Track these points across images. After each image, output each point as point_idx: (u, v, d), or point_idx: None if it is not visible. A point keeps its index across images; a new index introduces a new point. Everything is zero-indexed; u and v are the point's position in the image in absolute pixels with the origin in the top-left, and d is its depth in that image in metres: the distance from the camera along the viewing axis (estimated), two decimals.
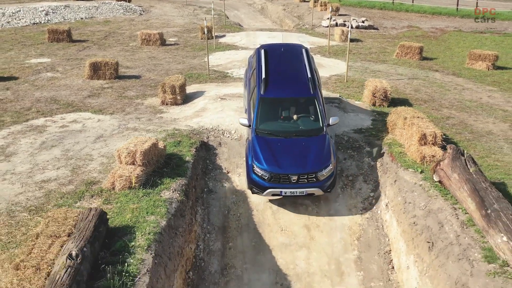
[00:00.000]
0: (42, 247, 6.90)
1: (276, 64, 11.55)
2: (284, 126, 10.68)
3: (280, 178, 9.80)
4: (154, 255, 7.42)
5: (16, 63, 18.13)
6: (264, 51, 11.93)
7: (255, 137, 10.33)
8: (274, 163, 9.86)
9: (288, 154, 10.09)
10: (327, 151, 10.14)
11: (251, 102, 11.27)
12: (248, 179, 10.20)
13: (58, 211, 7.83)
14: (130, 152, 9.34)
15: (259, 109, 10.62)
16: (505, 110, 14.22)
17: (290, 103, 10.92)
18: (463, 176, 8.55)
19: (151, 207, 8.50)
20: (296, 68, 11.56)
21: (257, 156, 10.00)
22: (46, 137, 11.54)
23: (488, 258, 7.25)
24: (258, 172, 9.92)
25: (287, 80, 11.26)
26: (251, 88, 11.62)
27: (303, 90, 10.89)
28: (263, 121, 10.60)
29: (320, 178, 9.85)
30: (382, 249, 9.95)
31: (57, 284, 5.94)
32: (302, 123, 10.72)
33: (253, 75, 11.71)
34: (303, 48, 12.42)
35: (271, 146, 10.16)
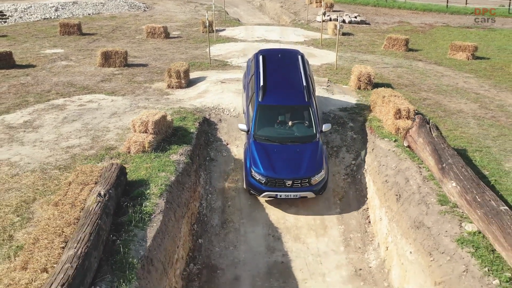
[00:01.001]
0: (75, 191, 8.44)
1: (274, 71, 12.13)
2: (280, 132, 11.36)
3: (276, 182, 10.52)
4: (165, 201, 8.95)
5: (32, 53, 19.66)
6: (262, 57, 12.56)
7: (253, 143, 11.04)
8: (271, 168, 10.58)
9: (283, 160, 10.78)
10: (319, 157, 10.87)
11: (249, 108, 11.92)
12: (246, 182, 10.98)
13: (85, 166, 9.39)
14: (143, 122, 10.88)
15: (257, 116, 11.31)
16: (477, 93, 15.75)
17: (286, 110, 11.57)
18: (426, 140, 10.09)
19: (162, 166, 10.04)
20: (292, 76, 12.13)
21: (255, 161, 10.73)
22: (67, 114, 13.08)
23: (441, 201, 8.80)
24: (255, 176, 10.66)
25: (283, 88, 11.88)
26: (249, 93, 12.27)
27: (299, 98, 11.51)
28: (261, 127, 11.29)
29: (312, 182, 10.60)
30: (360, 207, 11.49)
31: (90, 213, 7.47)
32: (297, 129, 11.41)
33: (252, 80, 12.33)
34: (299, 54, 13.02)
35: (268, 152, 10.85)
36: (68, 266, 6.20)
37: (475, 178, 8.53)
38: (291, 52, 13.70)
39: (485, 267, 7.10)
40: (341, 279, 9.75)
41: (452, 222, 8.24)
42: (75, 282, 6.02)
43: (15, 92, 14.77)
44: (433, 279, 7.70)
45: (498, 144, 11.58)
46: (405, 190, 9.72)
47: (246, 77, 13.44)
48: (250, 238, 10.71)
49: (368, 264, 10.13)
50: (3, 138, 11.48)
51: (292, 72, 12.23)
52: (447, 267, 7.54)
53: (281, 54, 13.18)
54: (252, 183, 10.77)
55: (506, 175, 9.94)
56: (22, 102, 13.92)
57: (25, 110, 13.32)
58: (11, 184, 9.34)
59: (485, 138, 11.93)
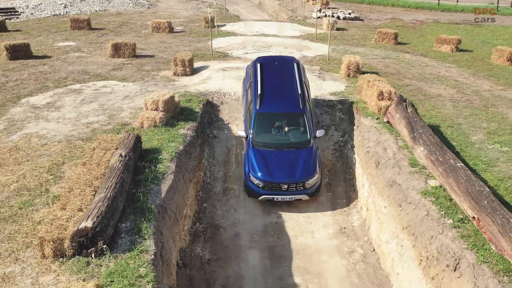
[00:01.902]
0: (99, 154, 9.91)
1: (271, 79, 12.83)
2: (277, 138, 12.13)
3: (273, 186, 11.34)
4: (176, 165, 10.42)
5: (46, 46, 21.12)
6: (260, 64, 13.30)
7: (252, 150, 11.85)
8: (268, 173, 11.36)
9: (279, 165, 11.54)
10: (313, 162, 11.61)
11: (247, 114, 12.71)
12: (245, 186, 11.78)
13: (106, 136, 10.86)
14: (154, 101, 12.35)
15: (255, 123, 12.09)
16: (457, 81, 17.22)
17: (282, 117, 12.33)
18: (402, 115, 11.57)
19: (172, 138, 11.50)
20: (288, 83, 12.83)
21: (253, 167, 11.53)
22: (84, 96, 14.55)
23: (412, 164, 10.28)
24: (254, 180, 11.44)
25: (280, 96, 12.59)
26: (248, 100, 13.03)
27: (294, 106, 12.25)
28: (259, 133, 12.07)
29: (307, 186, 11.38)
30: (346, 177, 12.97)
31: (114, 169, 8.94)
32: (292, 135, 12.16)
33: (250, 87, 13.07)
34: (295, 61, 13.65)
35: (265, 159, 11.62)
36: (100, 204, 7.68)
37: (439, 143, 10.02)
38: (288, 59, 14.37)
39: (442, 211, 8.58)
40: (327, 235, 11.22)
41: (419, 180, 9.72)
42: (106, 217, 7.50)
43: (35, 79, 16.23)
44: (402, 225, 9.18)
45: (468, 122, 13.05)
46: (383, 157, 11.19)
47: (245, 83, 14.08)
48: (248, 203, 12.16)
49: (351, 223, 11.60)
50: (30, 116, 12.95)
51: (288, 79, 12.94)
52: (412, 214, 9.02)
53: (278, 62, 13.89)
54: (250, 187, 11.57)
55: (471, 145, 11.42)
56: (43, 87, 15.39)
57: (46, 93, 14.79)
58: (42, 151, 10.81)
59: (458, 117, 13.40)
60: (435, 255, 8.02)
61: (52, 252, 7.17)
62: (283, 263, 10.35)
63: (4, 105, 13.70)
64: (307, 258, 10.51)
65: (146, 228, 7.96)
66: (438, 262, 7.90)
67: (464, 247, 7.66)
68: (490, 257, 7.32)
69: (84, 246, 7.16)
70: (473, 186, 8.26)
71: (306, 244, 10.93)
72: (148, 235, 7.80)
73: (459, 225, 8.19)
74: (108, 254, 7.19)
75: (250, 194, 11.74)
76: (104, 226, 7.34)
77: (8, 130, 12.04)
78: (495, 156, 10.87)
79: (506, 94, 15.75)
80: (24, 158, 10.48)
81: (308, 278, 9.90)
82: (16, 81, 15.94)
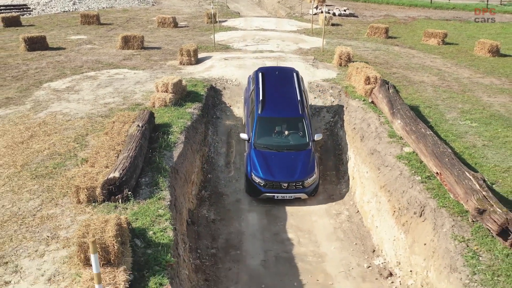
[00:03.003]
0: (118, 126, 11.42)
1: (272, 87, 13.62)
2: (277, 141, 12.83)
3: (274, 185, 12.01)
4: (185, 136, 11.92)
5: (60, 39, 22.64)
6: (262, 74, 14.06)
7: (254, 151, 12.54)
8: (269, 173, 12.06)
9: (280, 165, 12.25)
10: (312, 163, 12.31)
11: (249, 119, 13.38)
12: (247, 185, 12.42)
13: (123, 112, 12.37)
14: (164, 84, 13.86)
15: (257, 126, 12.80)
16: (440, 70, 18.74)
17: (282, 121, 13.07)
18: (384, 94, 13.08)
19: (180, 115, 13.01)
20: (288, 91, 13.60)
21: (255, 167, 12.20)
22: (100, 82, 16.06)
23: (391, 135, 11.79)
24: (255, 179, 12.10)
25: (280, 102, 13.34)
26: (250, 107, 13.69)
27: (294, 111, 13.02)
28: (260, 136, 12.75)
29: (305, 185, 12.06)
30: (336, 153, 14.48)
31: (133, 136, 10.45)
32: (292, 138, 12.88)
33: (252, 94, 13.75)
34: (295, 72, 14.44)
35: (266, 159, 12.32)
36: (124, 160, 9.20)
37: (414, 117, 11.55)
38: (288, 69, 15.09)
39: (413, 171, 10.10)
40: (317, 201, 12.71)
41: (396, 147, 11.24)
42: (130, 170, 9.01)
43: (53, 67, 17.75)
44: (379, 184, 10.70)
45: (445, 103, 14.56)
46: (366, 131, 12.71)
47: (247, 92, 14.76)
48: None
49: (339, 191, 13.11)
50: (53, 97, 14.47)
51: (288, 87, 13.72)
52: (388, 174, 10.54)
53: (278, 72, 14.68)
54: (252, 186, 12.25)
55: (445, 122, 12.94)
56: (61, 74, 16.91)
57: (65, 79, 16.30)
58: (67, 126, 12.33)
59: (437, 100, 14.91)
60: (405, 205, 9.53)
61: (86, 198, 8.68)
62: (278, 222, 11.85)
63: (28, 89, 15.22)
64: (300, 218, 12.01)
65: (162, 182, 9.47)
66: (408, 211, 9.41)
67: (428, 197, 9.17)
68: (448, 203, 8.82)
69: (112, 193, 8.67)
70: (438, 148, 9.77)
71: (299, 208, 12.41)
72: (164, 188, 9.31)
73: (426, 181, 9.70)
74: (132, 200, 8.70)
75: (252, 192, 12.38)
76: (128, 177, 8.85)
77: (35, 109, 13.55)
78: (464, 130, 12.39)
79: (483, 81, 17.27)
80: (52, 131, 11.99)
81: (300, 234, 11.39)
82: (36, 69, 17.46)
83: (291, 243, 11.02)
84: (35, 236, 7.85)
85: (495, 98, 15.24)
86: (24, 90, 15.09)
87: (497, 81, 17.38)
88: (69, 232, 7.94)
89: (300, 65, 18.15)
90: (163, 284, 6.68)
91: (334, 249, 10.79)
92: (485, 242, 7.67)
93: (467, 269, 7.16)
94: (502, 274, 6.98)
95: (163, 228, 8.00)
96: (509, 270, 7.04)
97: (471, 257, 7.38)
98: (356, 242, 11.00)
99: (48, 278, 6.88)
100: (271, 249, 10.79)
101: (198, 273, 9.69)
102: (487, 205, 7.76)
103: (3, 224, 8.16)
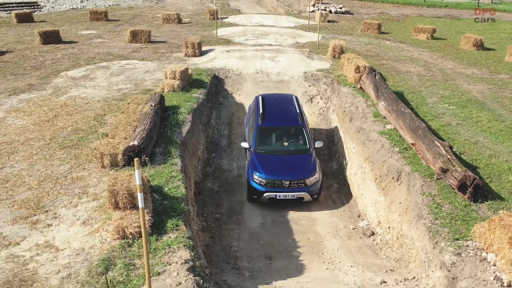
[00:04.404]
0: (133, 106, 12.84)
1: (272, 105, 13.93)
2: (278, 148, 12.86)
3: (275, 183, 11.85)
4: (192, 116, 13.36)
5: (71, 34, 24.08)
6: (262, 97, 14.31)
7: (255, 155, 12.51)
8: (270, 171, 12.01)
9: (282, 165, 12.25)
10: (313, 164, 12.25)
11: (250, 133, 13.44)
12: (248, 191, 12.27)
13: (137, 95, 13.80)
14: (172, 71, 15.31)
15: (258, 135, 12.80)
16: (426, 61, 20.18)
17: (283, 131, 13.10)
18: (371, 80, 14.53)
19: (187, 99, 14.45)
20: (288, 108, 13.89)
21: (256, 167, 12.15)
22: (112, 71, 17.50)
23: (375, 115, 13.24)
24: (257, 179, 11.97)
25: (280, 115, 13.59)
26: (250, 125, 13.77)
27: (294, 121, 13.21)
28: (261, 144, 12.75)
29: (308, 183, 11.85)
30: (328, 134, 15.92)
31: (148, 114, 11.89)
32: (293, 145, 12.88)
33: (253, 114, 13.88)
34: (294, 96, 14.79)
35: (268, 160, 12.34)
36: (141, 132, 10.65)
37: (396, 98, 13.00)
38: (287, 94, 15.76)
39: (392, 143, 11.54)
40: None
41: (379, 125, 12.68)
42: (146, 140, 10.45)
43: (68, 58, 19.19)
44: (364, 157, 12.15)
45: (428, 90, 16.00)
46: (355, 113, 14.15)
47: (248, 119, 14.73)
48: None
49: (331, 168, 14.54)
50: (71, 84, 15.91)
51: (288, 106, 14.03)
52: (372, 148, 11.98)
53: (278, 96, 15.30)
54: (253, 186, 12.04)
55: (426, 105, 14.38)
56: (76, 64, 18.35)
57: (80, 69, 17.75)
58: (86, 107, 13.77)
59: (420, 87, 16.35)
60: (385, 172, 10.97)
61: (109, 163, 10.12)
62: None
63: (48, 77, 16.66)
64: None
65: (174, 152, 10.91)
66: (387, 177, 10.85)
67: (404, 164, 10.61)
68: (420, 168, 10.26)
69: (132, 158, 10.09)
70: (414, 123, 11.22)
71: None
72: (176, 156, 10.75)
73: (403, 151, 11.13)
74: (149, 165, 10.14)
75: (253, 194, 12.16)
76: (145, 146, 10.29)
77: (56, 93, 14.99)
78: (442, 111, 13.84)
79: (465, 71, 18.72)
80: (74, 112, 13.44)
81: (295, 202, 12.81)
82: (52, 60, 18.90)
83: (286, 210, 12.43)
84: (68, 192, 9.29)
85: (474, 86, 16.69)
86: (43, 78, 16.53)
87: (478, 71, 18.84)
88: (96, 190, 9.38)
89: (296, 57, 19.60)
90: (178, 225, 8.11)
91: (324, 214, 12.22)
92: (448, 197, 9.11)
93: (430, 216, 8.61)
94: (459, 219, 8.41)
95: (177, 186, 9.43)
96: (465, 216, 8.48)
97: (435, 207, 8.82)
98: (344, 209, 12.43)
99: (83, 222, 8.32)
100: (268, 215, 12.20)
101: (205, 232, 11.12)
102: (450, 166, 9.21)
103: (40, 183, 9.60)
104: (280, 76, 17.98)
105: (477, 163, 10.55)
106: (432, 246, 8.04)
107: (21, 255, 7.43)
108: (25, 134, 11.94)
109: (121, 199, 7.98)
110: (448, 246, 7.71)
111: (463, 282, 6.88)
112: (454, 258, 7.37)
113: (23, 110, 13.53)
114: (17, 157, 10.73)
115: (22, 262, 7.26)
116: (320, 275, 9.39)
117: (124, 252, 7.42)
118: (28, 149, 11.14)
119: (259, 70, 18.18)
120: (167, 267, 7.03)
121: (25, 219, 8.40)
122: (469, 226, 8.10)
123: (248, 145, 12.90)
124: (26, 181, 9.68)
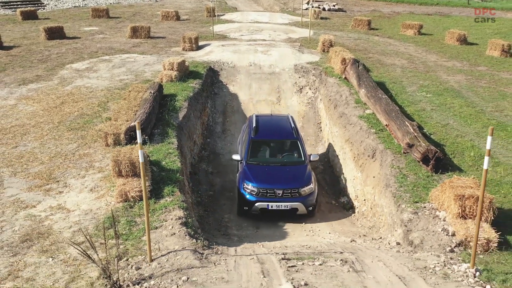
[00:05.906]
0: (134, 93, 13.99)
1: (266, 122, 13.47)
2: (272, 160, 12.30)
3: (267, 192, 11.06)
4: (188, 103, 14.50)
5: (74, 30, 25.23)
6: (256, 116, 13.78)
7: (246, 165, 11.89)
8: (262, 180, 11.30)
9: (275, 174, 11.63)
10: (308, 174, 11.59)
11: (242, 148, 12.89)
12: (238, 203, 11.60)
13: (137, 84, 14.96)
14: (170, 63, 16.46)
15: (250, 148, 12.16)
16: (411, 55, 21.33)
17: (277, 144, 12.58)
18: (354, 71, 15.68)
19: (184, 88, 15.59)
20: (283, 124, 13.39)
21: (247, 176, 11.46)
22: (114, 63, 18.66)
23: (357, 102, 14.40)
24: (247, 188, 11.22)
25: (274, 129, 13.20)
26: (243, 141, 13.29)
27: (288, 135, 12.65)
28: (253, 156, 12.15)
29: (302, 193, 11.09)
30: (315, 122, 17.07)
31: (147, 99, 13.04)
32: (287, 158, 12.31)
33: (246, 131, 13.34)
34: (290, 115, 14.21)
35: (259, 170, 11.72)
36: (141, 114, 11.80)
37: (375, 86, 14.17)
38: (282, 115, 15.14)
39: (370, 126, 12.70)
40: None
41: (359, 110, 13.84)
42: (146, 121, 11.60)
43: (72, 52, 20.34)
44: (345, 139, 13.30)
45: (409, 80, 17.15)
46: (339, 101, 15.30)
47: (241, 137, 14.25)
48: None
49: (317, 152, 15.68)
50: (76, 75, 17.07)
51: (282, 123, 13.55)
52: (352, 130, 13.14)
53: (272, 115, 14.62)
54: (244, 196, 11.26)
55: (405, 93, 15.53)
56: (80, 57, 19.51)
57: (84, 62, 18.91)
58: (91, 95, 14.93)
59: (402, 78, 17.50)
60: (362, 151, 12.12)
61: (112, 141, 11.26)
62: None
63: (54, 69, 17.81)
64: None
65: (171, 133, 12.07)
66: (364, 155, 12.00)
67: (379, 143, 11.76)
68: (392, 146, 11.41)
69: (133, 138, 11.23)
70: (389, 107, 12.38)
71: None
72: (172, 136, 11.90)
73: (378, 132, 12.28)
74: (148, 143, 11.27)
75: (244, 205, 11.38)
76: (145, 126, 11.44)
77: (62, 83, 16.15)
78: (419, 99, 14.98)
79: (446, 64, 19.87)
80: (79, 99, 14.59)
81: None
82: (57, 54, 20.06)
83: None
84: (77, 166, 10.45)
85: (452, 77, 17.84)
86: (50, 70, 17.69)
87: (459, 64, 19.99)
88: (102, 164, 10.53)
89: (287, 51, 20.75)
90: (174, 192, 9.26)
91: None
92: (413, 169, 10.27)
93: (396, 184, 9.76)
94: (421, 186, 9.57)
95: (173, 161, 10.58)
96: (426, 184, 9.63)
97: (401, 177, 9.98)
98: (327, 187, 13.58)
99: (91, 189, 9.48)
100: None
101: (199, 206, 12.27)
102: (416, 142, 10.36)
103: (51, 159, 10.77)
104: (272, 68, 19.13)
105: (444, 141, 11.71)
106: (396, 209, 9.20)
107: (37, 215, 8.59)
108: (35, 118, 13.10)
109: (124, 168, 9.15)
110: (408, 207, 8.87)
111: (416, 233, 8.04)
112: (411, 216, 8.54)
113: (33, 98, 14.69)
114: (29, 138, 11.90)
115: (39, 220, 8.41)
116: (301, 239, 10.54)
117: (127, 212, 8.57)
118: (38, 131, 12.30)
119: (252, 63, 19.32)
120: (163, 223, 8.19)
121: (39, 187, 9.56)
122: (428, 192, 9.24)
123: (239, 157, 12.29)
124: (39, 157, 10.84)
